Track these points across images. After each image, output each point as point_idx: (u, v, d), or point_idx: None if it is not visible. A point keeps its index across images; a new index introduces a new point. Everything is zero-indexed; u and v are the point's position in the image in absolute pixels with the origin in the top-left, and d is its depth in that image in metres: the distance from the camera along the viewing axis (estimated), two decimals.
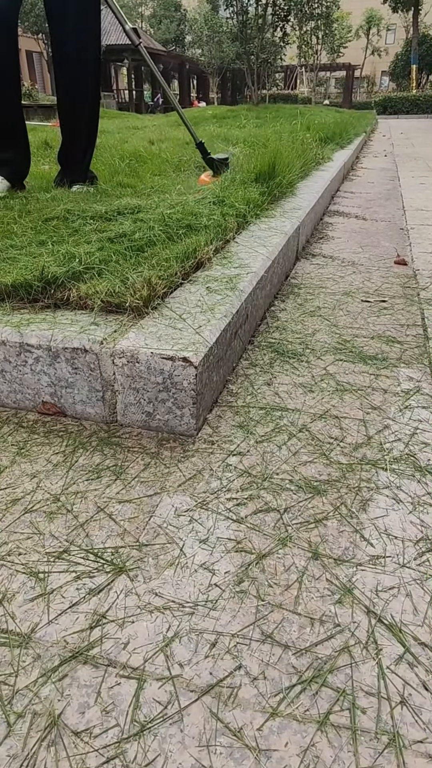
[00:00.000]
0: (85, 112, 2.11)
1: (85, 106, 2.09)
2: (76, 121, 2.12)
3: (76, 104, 2.08)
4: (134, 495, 0.81)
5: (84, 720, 0.52)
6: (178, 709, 0.53)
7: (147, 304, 1.06)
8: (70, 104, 2.09)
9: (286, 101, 20.03)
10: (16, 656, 0.58)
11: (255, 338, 1.32)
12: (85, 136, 2.16)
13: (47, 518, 0.76)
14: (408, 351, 1.26)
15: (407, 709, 0.53)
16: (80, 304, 1.08)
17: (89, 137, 2.18)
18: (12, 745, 0.50)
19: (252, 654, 0.58)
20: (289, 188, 2.35)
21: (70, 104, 2.08)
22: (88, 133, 2.16)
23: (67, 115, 2.12)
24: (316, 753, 0.49)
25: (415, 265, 1.92)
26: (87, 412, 0.99)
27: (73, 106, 2.09)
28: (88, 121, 2.14)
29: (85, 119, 2.12)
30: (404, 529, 0.75)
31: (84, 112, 2.10)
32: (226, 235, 1.54)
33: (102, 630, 0.60)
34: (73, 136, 2.14)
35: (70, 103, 2.08)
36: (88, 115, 2.12)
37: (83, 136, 2.15)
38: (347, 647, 0.59)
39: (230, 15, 12.14)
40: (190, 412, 0.92)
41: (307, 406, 1.04)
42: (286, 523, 0.76)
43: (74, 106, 2.09)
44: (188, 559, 0.70)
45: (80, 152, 2.19)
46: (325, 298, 1.60)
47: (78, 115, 2.11)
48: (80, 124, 2.12)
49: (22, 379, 1.00)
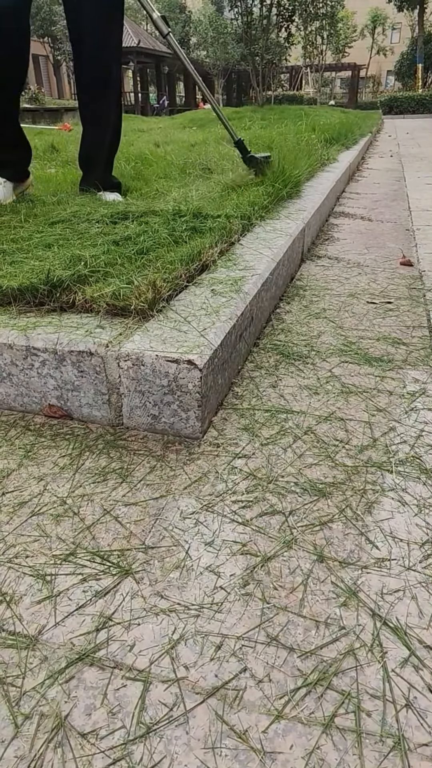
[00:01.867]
0: (112, 100, 2.01)
1: (110, 94, 1.99)
2: (101, 113, 2.02)
3: (100, 92, 1.98)
4: (140, 498, 0.81)
5: (90, 721, 0.52)
6: (184, 711, 0.53)
7: (152, 307, 1.07)
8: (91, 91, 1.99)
9: (291, 102, 20.02)
10: (23, 658, 0.58)
11: (260, 340, 1.33)
12: (110, 133, 2.08)
13: (54, 521, 0.77)
14: (414, 353, 1.26)
15: (412, 712, 0.53)
16: (86, 307, 1.09)
17: (114, 134, 2.10)
18: (19, 746, 0.50)
19: (257, 656, 0.58)
20: (294, 190, 2.35)
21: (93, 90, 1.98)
22: (113, 129, 2.09)
23: (90, 104, 2.02)
24: (321, 755, 0.50)
25: (421, 266, 1.92)
26: (93, 415, 1.00)
27: (96, 96, 2.00)
28: (114, 113, 2.05)
29: (111, 112, 2.03)
30: (410, 532, 0.75)
31: (109, 98, 2.00)
32: (230, 237, 1.54)
33: (108, 632, 0.61)
34: (95, 135, 2.08)
35: (93, 90, 1.98)
36: (115, 104, 2.03)
37: (108, 134, 2.08)
38: (352, 650, 0.59)
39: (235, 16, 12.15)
40: (195, 415, 0.93)
41: (313, 408, 1.04)
42: (292, 525, 0.76)
43: (98, 95, 1.99)
44: (194, 562, 0.70)
45: (105, 154, 2.12)
46: (331, 299, 1.60)
47: (103, 105, 2.01)
48: (106, 117, 2.04)
49: (29, 382, 1.01)
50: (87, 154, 2.16)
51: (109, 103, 2.05)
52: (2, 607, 0.64)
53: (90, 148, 2.14)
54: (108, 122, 2.09)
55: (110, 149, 2.16)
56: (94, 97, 2.03)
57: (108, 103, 2.05)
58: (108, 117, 2.08)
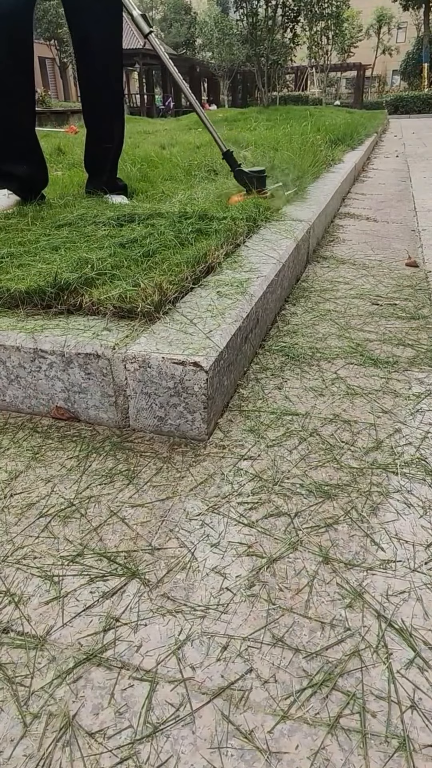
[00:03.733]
0: (114, 103, 2.03)
1: (112, 97, 2.03)
2: (105, 115, 2.05)
3: (102, 95, 2.01)
4: (147, 499, 0.82)
5: (98, 721, 0.53)
6: (190, 711, 0.54)
7: (158, 309, 1.07)
8: (95, 94, 2.02)
9: (297, 102, 19.99)
10: (31, 658, 0.59)
11: (266, 342, 1.33)
12: (114, 136, 2.10)
13: (61, 522, 0.78)
14: (419, 354, 1.26)
15: (417, 713, 0.53)
16: (93, 309, 1.10)
17: (118, 136, 2.12)
18: (28, 745, 0.51)
19: (263, 657, 0.59)
20: (299, 191, 2.36)
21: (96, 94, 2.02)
22: (117, 132, 2.10)
23: (94, 107, 2.04)
24: (326, 756, 0.50)
25: (427, 266, 1.92)
26: (100, 417, 1.00)
27: (100, 95, 2.02)
28: (117, 116, 2.07)
29: (114, 114, 2.05)
30: (415, 534, 0.75)
31: (112, 101, 2.03)
32: (236, 240, 1.55)
33: (115, 633, 0.61)
34: (99, 137, 2.09)
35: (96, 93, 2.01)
36: (116, 105, 2.04)
37: (112, 136, 2.09)
38: (357, 651, 0.59)
39: (240, 17, 12.17)
40: (201, 417, 0.93)
41: (318, 410, 1.04)
42: (297, 527, 0.76)
43: (100, 95, 2.02)
44: (200, 563, 0.70)
45: (109, 156, 2.14)
46: (336, 301, 1.60)
47: (106, 108, 2.04)
48: (108, 118, 2.06)
49: (37, 384, 1.02)
50: (92, 157, 2.18)
51: (112, 106, 2.07)
52: (11, 607, 0.65)
53: (94, 151, 2.15)
54: (111, 125, 2.10)
55: (115, 152, 2.17)
56: (97, 100, 2.05)
57: (111, 106, 2.07)
58: (111, 120, 2.10)
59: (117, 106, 2.09)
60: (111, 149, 2.14)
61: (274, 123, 6.19)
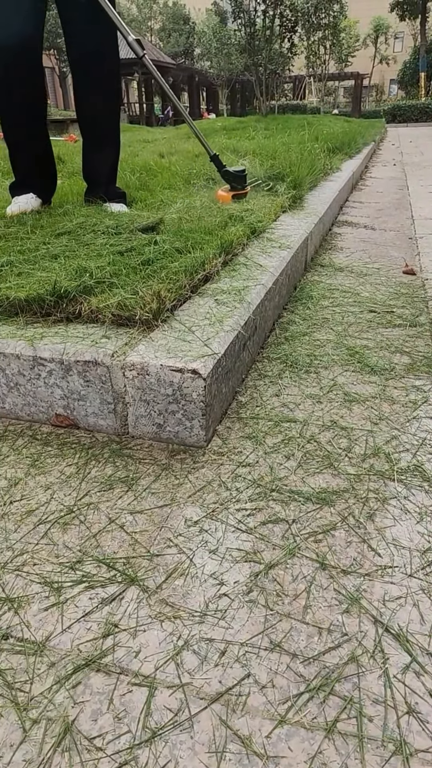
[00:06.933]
0: (110, 112, 2.09)
1: (108, 106, 2.07)
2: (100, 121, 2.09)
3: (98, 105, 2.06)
4: (145, 506, 0.83)
5: (97, 726, 0.53)
6: (189, 716, 0.54)
7: (156, 317, 1.08)
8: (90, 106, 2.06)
9: (295, 111, 20.15)
10: (31, 664, 0.59)
11: (264, 350, 1.34)
12: (110, 144, 2.14)
13: (61, 529, 0.78)
14: (416, 361, 1.27)
15: (414, 718, 0.54)
16: (92, 317, 1.11)
17: (114, 145, 2.16)
18: (28, 750, 0.52)
19: (261, 662, 0.59)
20: (297, 199, 2.37)
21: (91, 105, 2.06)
22: (112, 140, 2.15)
23: (90, 118, 2.09)
24: (323, 760, 0.50)
25: (424, 274, 1.93)
26: (99, 424, 1.01)
27: (95, 108, 2.07)
28: (114, 127, 2.12)
29: (110, 124, 2.10)
30: (411, 539, 0.75)
31: (108, 112, 2.08)
32: (234, 248, 1.56)
33: (114, 639, 0.62)
34: (96, 146, 2.14)
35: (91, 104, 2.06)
36: (114, 115, 2.10)
37: (108, 145, 2.14)
38: (354, 656, 0.60)
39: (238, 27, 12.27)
40: (200, 424, 0.94)
41: (316, 416, 1.05)
42: (295, 533, 0.77)
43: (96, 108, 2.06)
44: (198, 569, 0.71)
45: (107, 164, 2.17)
46: (334, 308, 1.61)
47: (102, 117, 2.08)
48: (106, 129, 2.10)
49: (36, 392, 1.03)
50: (90, 167, 2.20)
51: (108, 115, 2.10)
52: (10, 614, 0.65)
53: (92, 160, 2.18)
54: (108, 134, 2.14)
55: (112, 160, 2.20)
56: (93, 109, 2.08)
57: (107, 115, 2.10)
58: (107, 129, 2.13)
59: (113, 115, 2.12)
60: (108, 158, 2.17)
61: (272, 132, 6.23)
